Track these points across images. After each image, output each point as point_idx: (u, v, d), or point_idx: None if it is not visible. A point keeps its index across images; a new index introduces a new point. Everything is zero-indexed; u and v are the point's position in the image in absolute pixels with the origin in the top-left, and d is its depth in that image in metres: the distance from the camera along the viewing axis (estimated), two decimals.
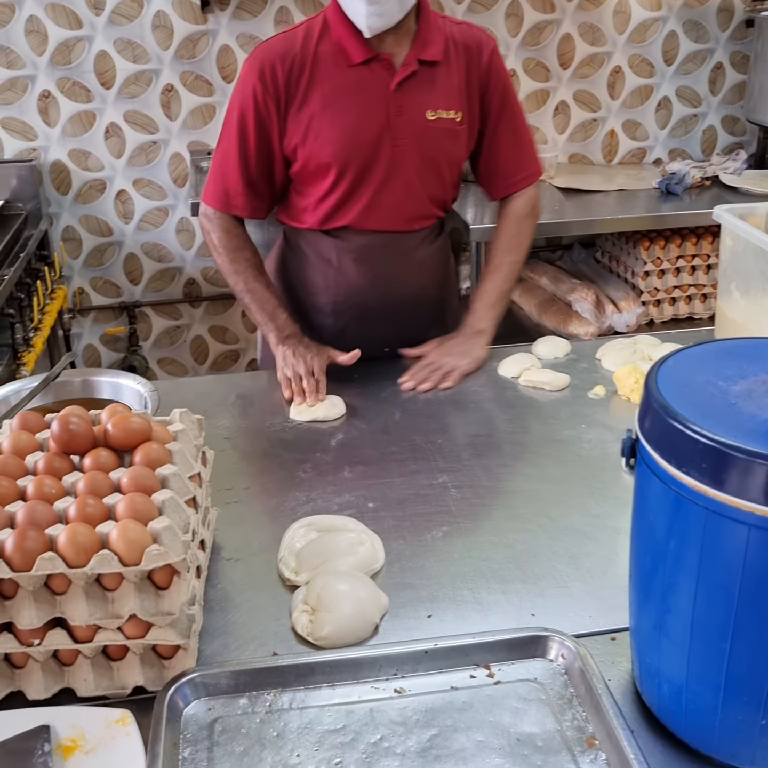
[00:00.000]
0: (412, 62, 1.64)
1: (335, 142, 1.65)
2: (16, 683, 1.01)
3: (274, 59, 1.63)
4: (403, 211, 1.75)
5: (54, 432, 1.09)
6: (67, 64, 2.89)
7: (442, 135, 1.70)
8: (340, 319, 1.82)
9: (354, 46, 1.62)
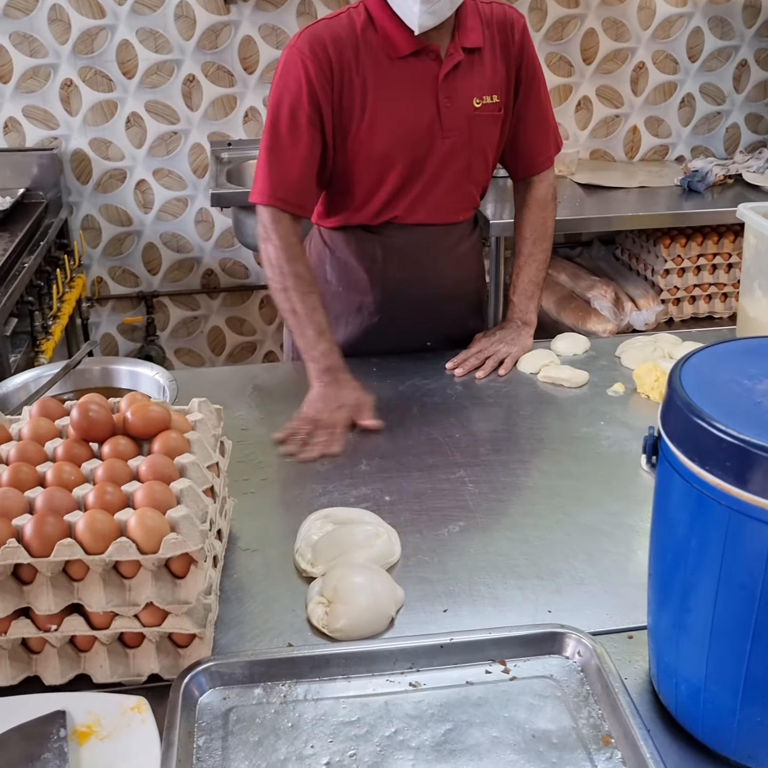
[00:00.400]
0: (457, 51, 1.62)
1: (389, 135, 1.62)
2: (33, 668, 1.01)
3: (325, 41, 1.56)
4: (450, 202, 1.74)
5: (74, 419, 1.09)
6: (89, 53, 2.89)
7: (489, 121, 1.69)
8: (384, 316, 1.80)
9: (401, 37, 1.58)
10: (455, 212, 1.77)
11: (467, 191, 1.76)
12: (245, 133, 3.06)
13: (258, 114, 3.05)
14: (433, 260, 1.79)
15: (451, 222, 1.78)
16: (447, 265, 1.81)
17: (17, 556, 0.93)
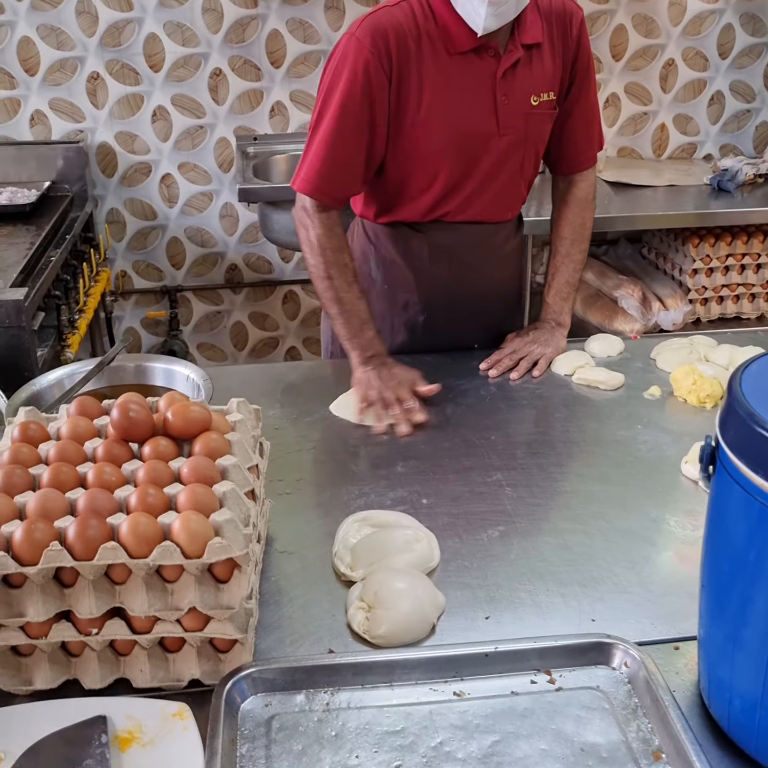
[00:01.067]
0: (517, 48, 1.59)
1: (445, 131, 1.59)
2: (72, 672, 1.00)
3: (386, 30, 1.52)
4: (501, 200, 1.73)
5: (113, 419, 1.07)
6: (116, 46, 2.88)
7: (545, 118, 1.68)
8: (430, 315, 1.78)
9: (461, 33, 1.54)
10: (505, 210, 1.76)
11: (518, 188, 1.75)
12: (271, 128, 3.04)
13: (284, 109, 3.03)
14: (479, 260, 1.77)
15: (500, 220, 1.76)
16: (492, 264, 1.80)
17: (60, 559, 0.91)
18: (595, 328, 2.90)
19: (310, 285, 3.27)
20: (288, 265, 3.26)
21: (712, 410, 1.59)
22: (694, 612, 1.11)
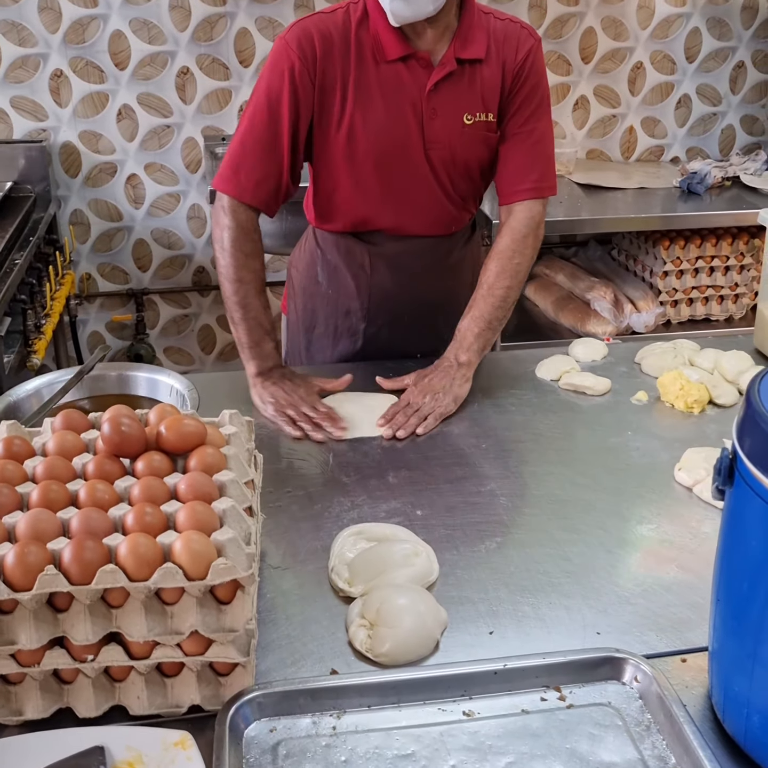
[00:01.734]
0: (450, 61, 1.55)
1: (365, 142, 1.57)
2: (65, 700, 0.96)
3: (313, 35, 1.52)
4: (436, 214, 1.69)
5: (105, 433, 1.03)
6: (80, 43, 2.80)
7: (479, 139, 1.62)
8: (372, 323, 1.77)
9: (390, 40, 1.53)
10: (445, 225, 1.72)
11: (455, 206, 1.69)
12: None
13: None
14: (423, 270, 1.74)
15: (443, 234, 1.73)
16: (438, 275, 1.75)
17: (56, 584, 0.87)
18: (567, 331, 2.91)
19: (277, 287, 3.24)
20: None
21: (699, 415, 1.58)
22: (699, 622, 1.10)
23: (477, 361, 1.61)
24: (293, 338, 1.89)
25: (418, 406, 1.54)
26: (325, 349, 1.82)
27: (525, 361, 1.77)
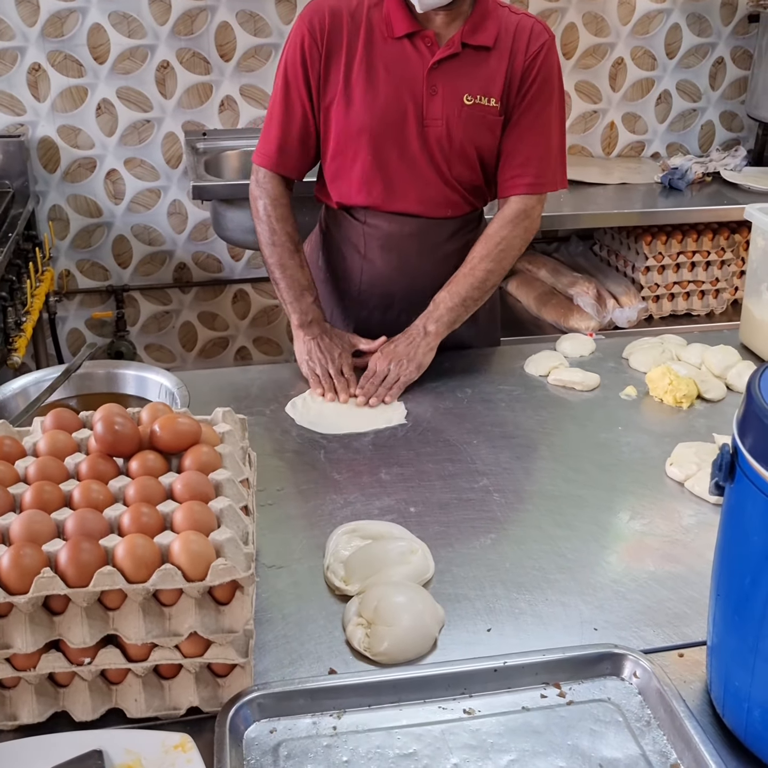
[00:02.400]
0: (456, 44, 1.59)
1: (364, 114, 1.61)
2: (61, 703, 0.94)
3: (324, 11, 1.61)
4: (431, 194, 1.68)
5: (98, 433, 1.01)
6: (59, 36, 2.76)
7: (478, 122, 1.63)
8: (364, 306, 1.78)
9: (399, 19, 1.59)
10: (439, 206, 1.71)
11: (450, 186, 1.69)
12: (221, 123, 2.96)
13: (234, 103, 2.96)
14: (417, 254, 1.73)
15: (437, 216, 1.71)
16: (434, 262, 1.75)
17: (53, 587, 0.85)
18: (550, 326, 2.91)
19: (261, 284, 3.24)
20: (238, 263, 3.19)
21: (688, 410, 1.59)
22: (695, 617, 1.11)
23: (444, 333, 1.66)
24: None
25: (384, 374, 1.62)
26: None
27: (513, 357, 1.77)
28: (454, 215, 1.73)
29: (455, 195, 1.70)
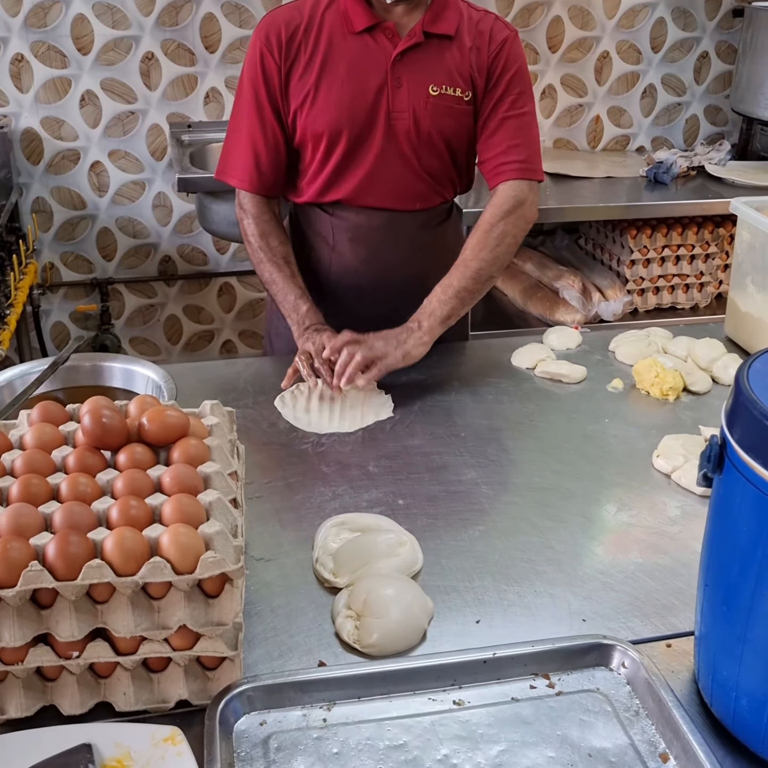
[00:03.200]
0: (417, 33, 1.59)
1: (330, 111, 1.60)
2: (48, 697, 0.94)
3: (279, 25, 1.60)
4: (400, 188, 1.67)
5: (85, 426, 1.01)
6: (42, 27, 2.74)
7: (444, 112, 1.62)
8: (333, 298, 1.76)
9: (358, 13, 1.58)
10: (409, 200, 1.70)
11: (419, 179, 1.68)
12: (206, 115, 2.95)
13: (219, 95, 2.94)
14: (386, 246, 1.72)
15: (406, 209, 1.70)
16: (404, 254, 1.73)
17: (41, 580, 0.85)
18: (536, 320, 2.92)
19: (246, 277, 3.23)
20: (224, 256, 3.18)
21: (674, 402, 1.60)
22: (682, 608, 1.11)
23: (438, 329, 1.58)
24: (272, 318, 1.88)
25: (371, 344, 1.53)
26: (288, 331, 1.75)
27: (500, 350, 1.77)
28: (423, 207, 1.72)
29: (424, 187, 1.69)
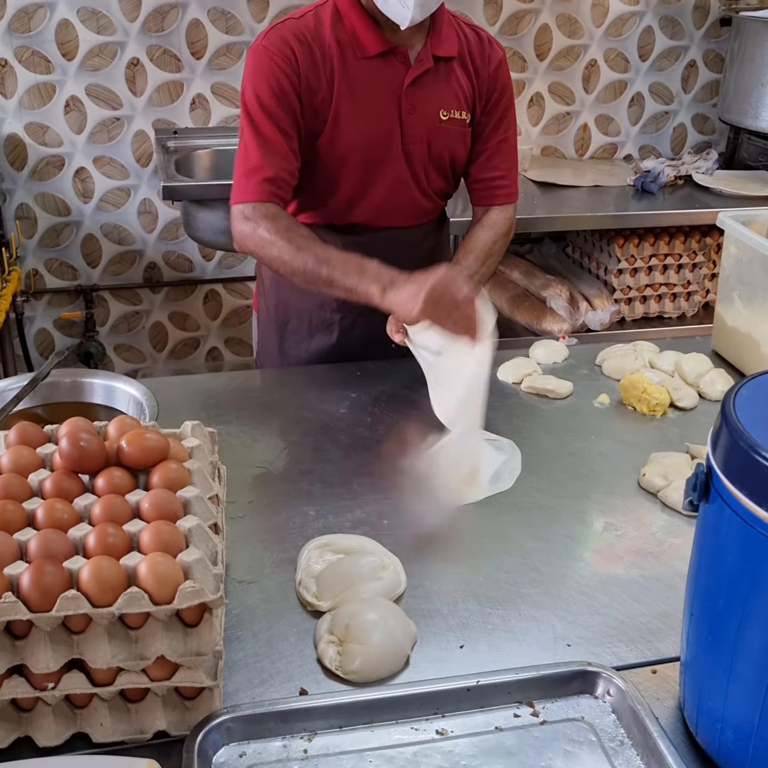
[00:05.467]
0: (427, 58, 1.59)
1: (351, 135, 1.58)
2: (23, 728, 0.92)
3: (289, 39, 1.53)
4: (413, 208, 1.71)
5: (63, 449, 0.99)
6: (26, 32, 2.71)
7: (453, 136, 1.66)
8: (347, 314, 1.75)
9: (369, 37, 1.55)
10: (417, 217, 1.74)
11: (428, 198, 1.72)
12: (192, 122, 2.93)
13: (206, 102, 2.92)
14: (396, 258, 1.70)
15: (414, 225, 1.74)
16: (410, 263, 1.72)
17: (15, 612, 0.83)
18: (522, 328, 2.91)
19: (232, 284, 3.21)
20: (209, 263, 3.16)
21: (661, 418, 1.59)
22: (668, 632, 1.10)
23: None
24: (265, 336, 1.86)
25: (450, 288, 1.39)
26: (299, 344, 1.79)
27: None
28: (427, 221, 1.76)
29: (431, 204, 1.74)
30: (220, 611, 0.93)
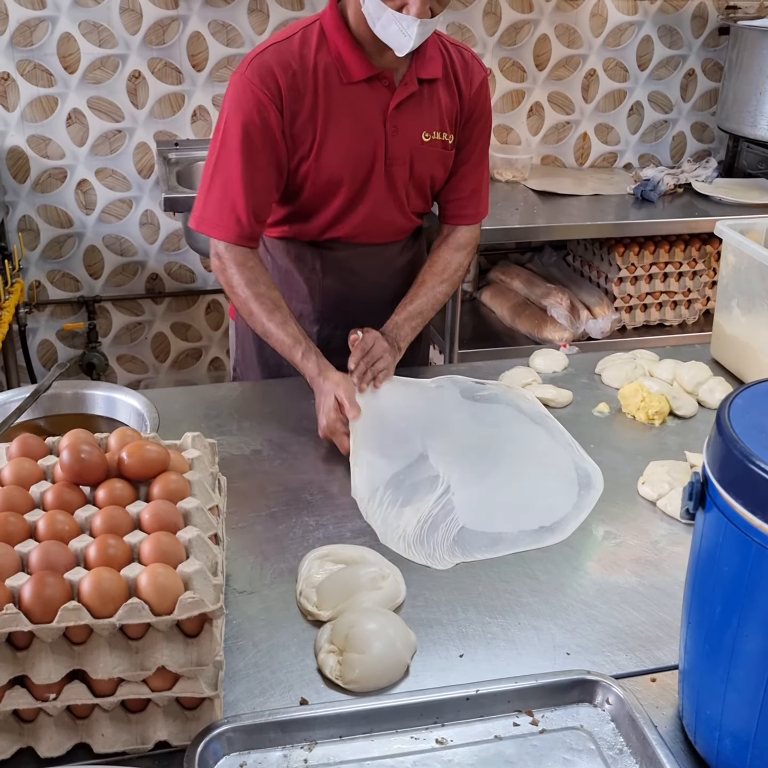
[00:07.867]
0: (412, 81, 1.59)
1: (337, 159, 1.59)
2: (25, 739, 0.92)
3: (273, 69, 1.51)
4: (392, 226, 1.74)
5: (64, 461, 1.00)
6: (28, 45, 2.73)
7: (434, 157, 1.67)
8: (325, 326, 1.77)
9: (354, 62, 1.54)
10: (395, 235, 1.77)
11: (407, 218, 1.74)
12: (193, 133, 2.94)
13: (207, 113, 2.94)
14: (373, 272, 1.77)
15: (392, 241, 1.77)
16: (388, 276, 1.79)
17: (17, 623, 0.84)
18: (524, 337, 2.92)
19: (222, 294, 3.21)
20: (211, 274, 3.15)
21: (660, 427, 1.60)
22: (667, 640, 1.11)
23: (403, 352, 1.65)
24: (243, 345, 1.87)
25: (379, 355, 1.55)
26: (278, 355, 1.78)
27: (486, 373, 1.76)
28: (405, 237, 1.79)
29: (410, 223, 1.77)
30: (221, 621, 0.93)
